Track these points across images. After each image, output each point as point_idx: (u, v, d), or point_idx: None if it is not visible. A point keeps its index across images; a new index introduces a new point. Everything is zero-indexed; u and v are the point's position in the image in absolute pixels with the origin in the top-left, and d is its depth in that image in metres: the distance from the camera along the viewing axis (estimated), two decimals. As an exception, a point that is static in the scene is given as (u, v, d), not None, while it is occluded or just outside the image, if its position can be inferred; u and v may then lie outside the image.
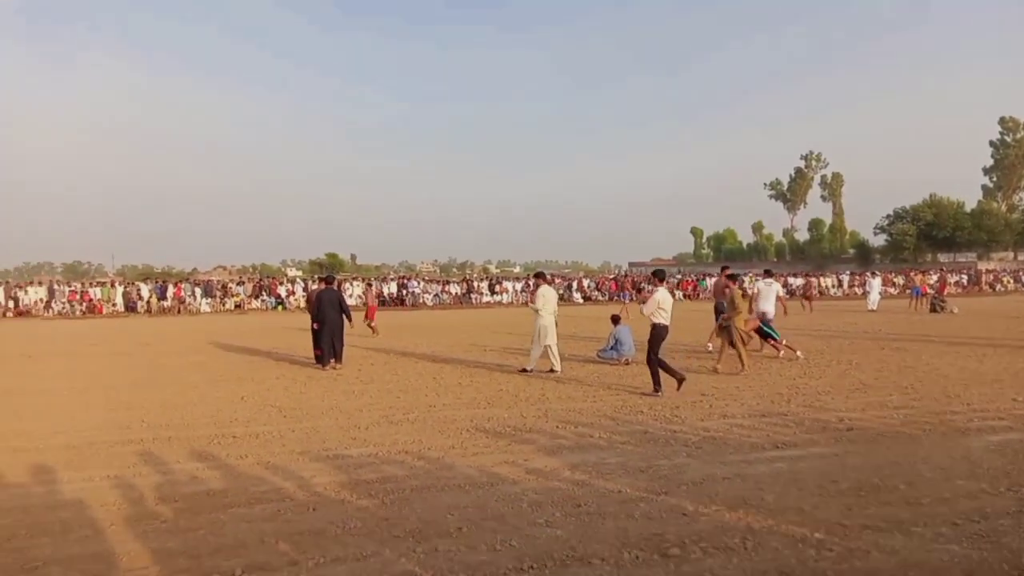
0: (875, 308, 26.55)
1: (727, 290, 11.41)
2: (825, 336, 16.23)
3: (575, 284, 41.49)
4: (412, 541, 4.06)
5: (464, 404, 8.41)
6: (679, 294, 38.83)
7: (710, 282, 38.07)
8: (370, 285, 30.50)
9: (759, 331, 12.07)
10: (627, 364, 11.49)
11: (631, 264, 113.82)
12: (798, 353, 11.89)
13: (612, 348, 11.75)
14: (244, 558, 3.82)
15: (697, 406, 8.09)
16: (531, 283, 10.51)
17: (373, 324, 18.58)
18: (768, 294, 12.92)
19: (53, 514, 4.59)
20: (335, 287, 12.70)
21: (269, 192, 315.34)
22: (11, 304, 30.54)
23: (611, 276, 53.70)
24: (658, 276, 9.46)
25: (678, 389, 8.82)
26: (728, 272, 12.15)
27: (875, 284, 28.76)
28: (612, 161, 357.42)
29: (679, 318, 11.28)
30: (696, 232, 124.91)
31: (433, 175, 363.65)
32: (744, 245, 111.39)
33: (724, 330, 11.08)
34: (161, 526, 4.35)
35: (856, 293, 41.79)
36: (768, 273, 14.36)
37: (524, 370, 10.77)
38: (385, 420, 7.53)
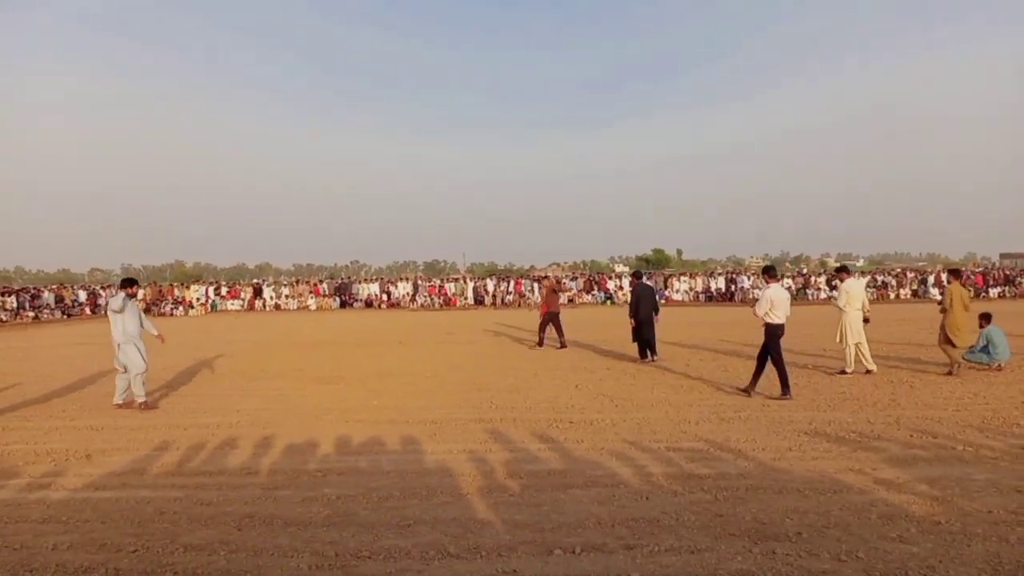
0: None
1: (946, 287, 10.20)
2: None
3: (931, 279, 36.32)
4: (748, 541, 3.88)
5: (801, 406, 7.81)
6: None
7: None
8: (544, 279, 21.85)
9: None
10: (999, 369, 9.83)
11: (1002, 255, 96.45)
12: None
13: (982, 350, 10.09)
14: (583, 537, 3.98)
15: (1097, 420, 6.58)
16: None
17: (541, 319, 14.95)
18: None
19: (421, 480, 5.27)
20: (646, 281, 13.29)
21: (600, 192, 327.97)
22: (385, 297, 36.14)
23: (978, 268, 45.84)
24: (769, 273, 9.02)
25: (781, 396, 8.27)
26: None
27: None
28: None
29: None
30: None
31: (762, 165, 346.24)
32: None
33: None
34: (509, 499, 4.74)
35: None
36: None
37: (843, 372, 10.01)
38: (715, 416, 7.33)
